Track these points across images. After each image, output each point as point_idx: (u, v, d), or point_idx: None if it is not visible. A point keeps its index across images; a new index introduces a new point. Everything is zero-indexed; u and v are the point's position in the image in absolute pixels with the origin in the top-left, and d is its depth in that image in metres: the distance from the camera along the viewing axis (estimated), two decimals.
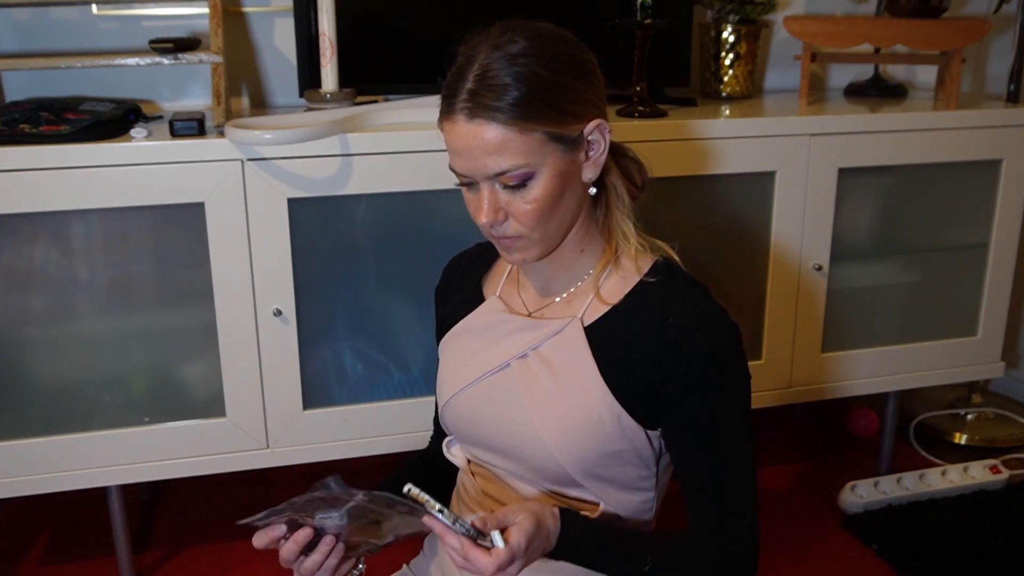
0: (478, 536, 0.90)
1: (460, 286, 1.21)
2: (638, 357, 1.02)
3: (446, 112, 0.97)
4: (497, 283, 1.16)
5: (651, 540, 1.02)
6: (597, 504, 1.07)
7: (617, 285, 1.07)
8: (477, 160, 0.95)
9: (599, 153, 1.01)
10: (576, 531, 0.97)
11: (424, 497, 0.89)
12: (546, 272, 1.09)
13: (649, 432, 1.04)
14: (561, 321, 1.06)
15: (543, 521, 0.93)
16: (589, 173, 1.02)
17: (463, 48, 0.99)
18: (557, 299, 1.09)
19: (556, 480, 1.06)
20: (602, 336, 1.05)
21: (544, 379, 1.05)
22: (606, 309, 1.06)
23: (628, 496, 1.07)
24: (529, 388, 1.06)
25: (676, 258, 1.08)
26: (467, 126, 0.94)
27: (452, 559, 0.91)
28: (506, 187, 0.97)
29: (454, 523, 0.89)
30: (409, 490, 0.89)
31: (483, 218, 0.99)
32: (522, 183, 0.96)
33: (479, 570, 0.88)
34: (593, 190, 1.04)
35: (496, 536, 0.89)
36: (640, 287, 1.05)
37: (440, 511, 0.89)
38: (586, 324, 1.06)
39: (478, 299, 1.16)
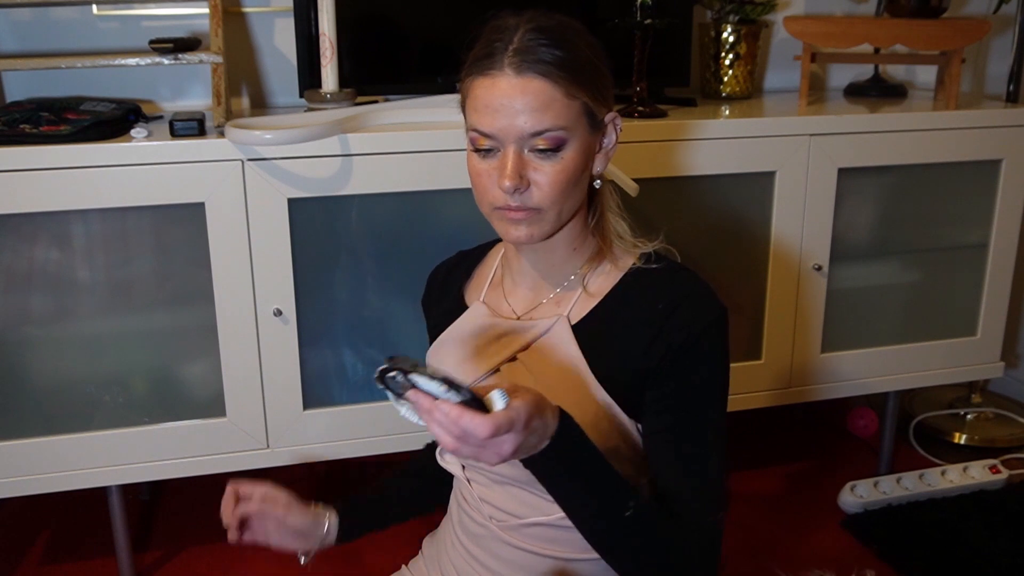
0: (473, 403, 0.80)
1: (442, 296, 1.20)
2: (630, 349, 1.01)
3: (485, 68, 0.95)
4: (480, 289, 1.15)
5: (638, 490, 0.94)
6: None
7: (606, 279, 1.06)
8: (516, 117, 0.93)
9: (610, 146, 1.03)
10: (574, 438, 0.89)
11: (405, 367, 0.80)
12: (538, 269, 1.08)
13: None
14: (548, 321, 1.05)
15: (544, 408, 0.85)
16: (599, 165, 1.03)
17: (493, 23, 0.98)
18: (545, 300, 1.08)
19: None
20: (591, 331, 1.03)
21: (535, 383, 1.04)
22: (595, 303, 1.05)
23: None
24: None
25: (675, 252, 1.08)
26: (513, 80, 0.93)
27: (444, 441, 0.80)
28: (538, 151, 0.95)
29: (446, 391, 0.79)
30: (388, 364, 0.81)
31: (506, 181, 0.94)
32: (555, 149, 0.95)
33: (473, 433, 0.78)
34: (598, 183, 1.05)
35: (498, 396, 0.80)
36: (628, 276, 1.05)
37: (420, 375, 0.79)
38: (574, 321, 1.04)
39: (461, 307, 1.15)
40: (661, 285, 1.03)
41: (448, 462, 1.18)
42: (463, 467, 1.15)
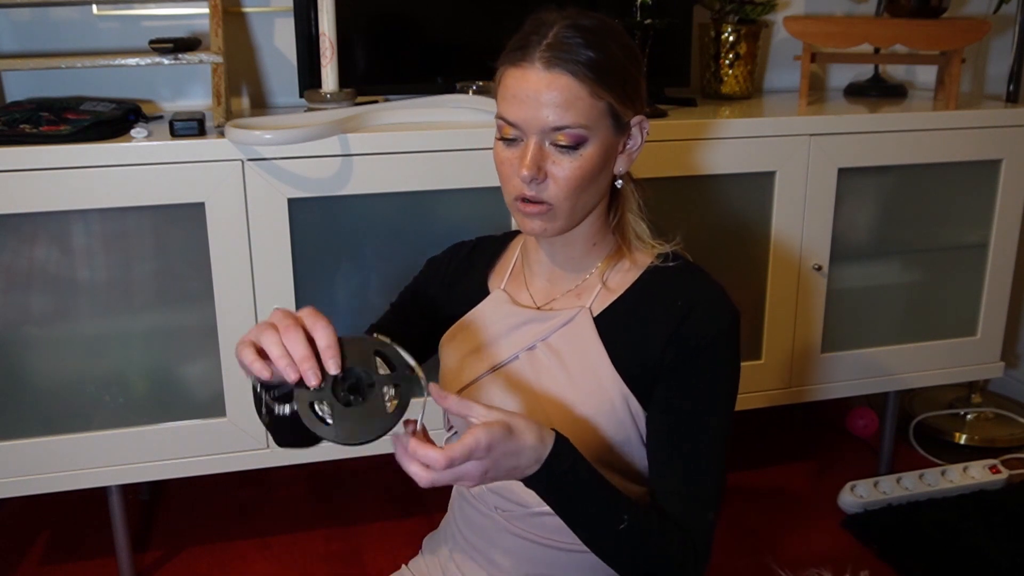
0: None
1: (462, 274, 1.20)
2: (646, 344, 1.03)
3: (518, 59, 0.97)
4: (502, 277, 1.16)
5: (630, 499, 0.95)
6: None
7: (626, 275, 1.08)
8: (541, 110, 0.95)
9: (635, 148, 1.04)
10: (567, 462, 0.90)
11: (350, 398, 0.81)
12: (557, 262, 1.10)
13: None
14: (570, 311, 1.07)
15: (518, 434, 0.86)
16: (621, 165, 1.04)
17: (533, 16, 1.00)
18: (565, 292, 1.10)
19: None
20: (611, 324, 1.05)
21: (554, 370, 1.06)
22: (614, 297, 1.07)
23: (633, 488, 1.07)
24: (539, 379, 1.06)
25: (688, 257, 1.10)
26: (542, 74, 0.95)
27: (417, 476, 0.83)
28: (558, 146, 0.97)
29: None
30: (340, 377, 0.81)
31: (524, 170, 0.97)
32: (574, 145, 0.97)
33: (431, 464, 0.81)
34: (619, 183, 1.06)
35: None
36: (648, 274, 1.07)
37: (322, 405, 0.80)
38: (595, 313, 1.06)
39: (482, 293, 1.16)
40: (679, 283, 1.05)
41: None
42: None
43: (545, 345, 1.07)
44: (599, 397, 1.03)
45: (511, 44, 1.00)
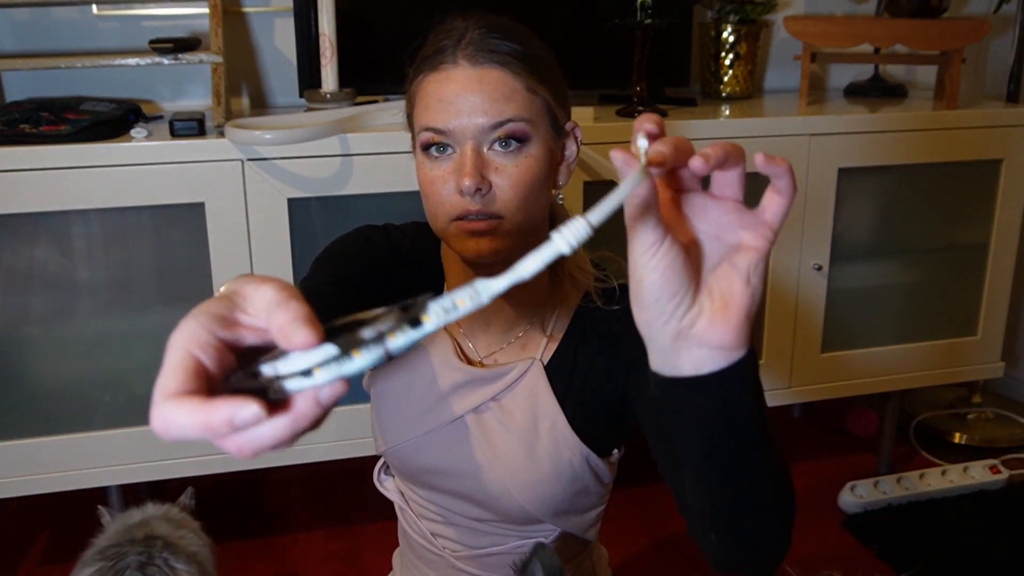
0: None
1: (408, 283, 1.03)
2: (597, 384, 0.96)
3: (436, 64, 0.87)
4: None
5: None
6: (555, 530, 1.03)
7: (565, 317, 0.99)
8: (475, 110, 0.85)
9: (572, 158, 0.95)
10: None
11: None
12: (498, 306, 0.97)
13: (609, 458, 1.01)
14: (521, 365, 0.97)
15: None
16: (561, 178, 0.95)
17: (438, 27, 0.92)
18: (509, 343, 1.00)
19: (520, 521, 1.01)
20: (559, 374, 0.98)
21: (506, 432, 0.97)
22: (556, 345, 0.98)
23: (588, 516, 1.04)
24: (490, 441, 0.98)
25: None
26: (469, 72, 0.86)
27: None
28: (500, 145, 0.86)
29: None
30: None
31: (467, 179, 0.85)
32: (519, 141, 0.86)
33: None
34: (561, 199, 0.97)
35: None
36: (581, 312, 0.98)
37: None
38: (544, 364, 0.98)
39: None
40: (610, 314, 0.97)
41: (388, 489, 1.14)
42: (408, 502, 1.10)
43: (497, 406, 0.98)
44: (555, 457, 0.96)
45: (420, 55, 0.91)
